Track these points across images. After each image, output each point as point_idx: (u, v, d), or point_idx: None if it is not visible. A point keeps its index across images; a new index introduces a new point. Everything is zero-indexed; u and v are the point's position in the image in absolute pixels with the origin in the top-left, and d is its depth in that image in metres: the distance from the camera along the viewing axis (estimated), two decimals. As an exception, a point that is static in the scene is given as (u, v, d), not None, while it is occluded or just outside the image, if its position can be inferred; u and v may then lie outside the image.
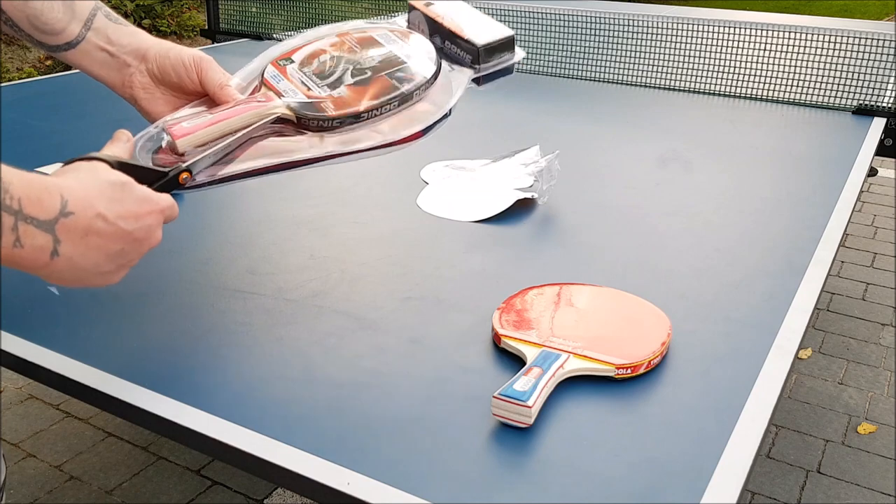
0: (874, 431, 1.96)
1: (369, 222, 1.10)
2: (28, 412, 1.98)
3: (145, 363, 0.76)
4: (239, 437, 0.66)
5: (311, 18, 2.66)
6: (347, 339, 0.81)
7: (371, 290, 0.91)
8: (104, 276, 0.65)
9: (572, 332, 0.79)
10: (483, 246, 1.03)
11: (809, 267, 0.99)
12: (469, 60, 0.86)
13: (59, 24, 0.80)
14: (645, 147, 1.48)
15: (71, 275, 0.63)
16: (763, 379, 0.75)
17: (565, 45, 2.31)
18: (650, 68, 2.13)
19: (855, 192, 1.26)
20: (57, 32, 0.80)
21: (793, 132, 1.61)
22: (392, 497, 0.59)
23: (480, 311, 0.87)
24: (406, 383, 0.74)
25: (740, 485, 0.61)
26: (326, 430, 0.67)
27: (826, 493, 1.76)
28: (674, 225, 1.12)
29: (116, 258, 0.65)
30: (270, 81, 0.83)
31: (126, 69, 0.83)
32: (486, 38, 0.86)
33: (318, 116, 0.79)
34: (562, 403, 0.71)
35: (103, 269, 0.65)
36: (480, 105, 1.77)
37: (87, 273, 0.64)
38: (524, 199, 1.16)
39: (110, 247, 0.64)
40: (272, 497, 1.71)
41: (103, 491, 1.72)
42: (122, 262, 0.66)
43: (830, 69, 1.88)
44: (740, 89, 1.92)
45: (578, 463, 0.64)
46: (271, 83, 0.83)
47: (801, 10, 9.26)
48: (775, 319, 0.86)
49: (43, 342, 0.78)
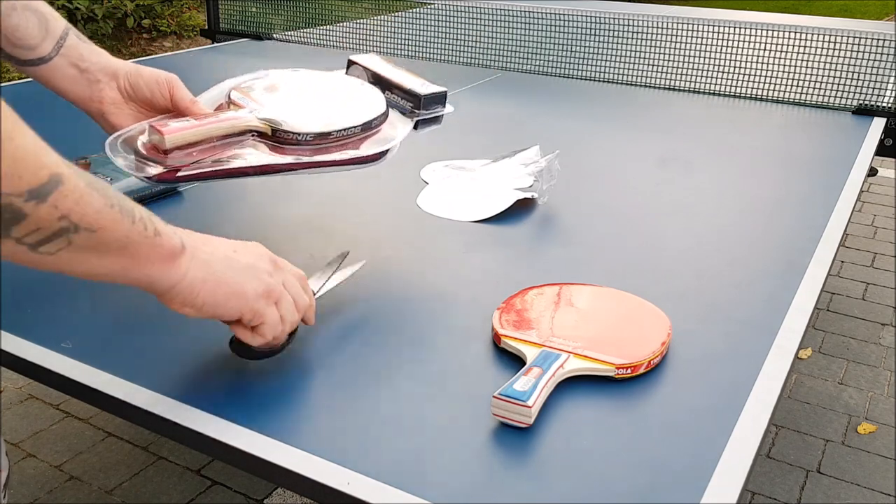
0: (874, 431, 1.96)
1: (369, 222, 1.10)
2: (28, 412, 1.98)
3: (145, 363, 0.76)
4: (239, 437, 0.66)
5: (311, 18, 2.66)
6: (347, 338, 0.81)
7: (371, 290, 0.91)
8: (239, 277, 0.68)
9: (572, 331, 0.79)
10: (483, 246, 1.03)
11: (809, 267, 0.99)
12: (410, 107, 0.98)
13: (34, 41, 0.86)
14: (645, 147, 1.48)
15: (205, 276, 0.65)
16: (763, 379, 0.75)
17: (565, 45, 2.31)
18: (650, 68, 2.13)
19: (855, 192, 1.26)
20: (31, 48, 0.86)
21: (793, 132, 1.61)
22: (392, 497, 0.59)
23: (480, 311, 0.87)
24: (406, 383, 0.74)
25: (740, 485, 0.61)
26: (326, 430, 0.67)
27: (826, 493, 1.76)
28: (674, 225, 1.12)
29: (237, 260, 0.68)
30: (238, 102, 0.91)
31: (96, 85, 0.89)
32: (427, 89, 0.98)
33: (291, 131, 0.87)
34: (562, 403, 0.71)
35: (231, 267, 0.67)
36: (480, 105, 1.77)
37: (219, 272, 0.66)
38: (524, 199, 1.16)
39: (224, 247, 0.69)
40: (272, 497, 1.71)
41: (103, 491, 1.72)
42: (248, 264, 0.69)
43: (830, 69, 1.88)
44: (740, 89, 1.92)
45: (578, 463, 0.64)
46: (239, 103, 0.91)
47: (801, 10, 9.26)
48: (775, 319, 0.86)
49: (43, 342, 0.78)
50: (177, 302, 0.65)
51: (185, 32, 6.09)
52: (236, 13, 2.60)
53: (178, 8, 6.20)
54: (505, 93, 1.89)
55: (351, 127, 0.90)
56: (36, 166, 0.51)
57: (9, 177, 0.50)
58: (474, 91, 1.90)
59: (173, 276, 0.63)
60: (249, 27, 2.55)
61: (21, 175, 0.50)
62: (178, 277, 0.64)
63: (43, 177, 0.52)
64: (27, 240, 0.53)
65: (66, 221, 0.54)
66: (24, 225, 0.52)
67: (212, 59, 2.20)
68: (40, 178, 0.51)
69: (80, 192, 0.54)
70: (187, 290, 0.64)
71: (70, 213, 0.54)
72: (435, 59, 2.25)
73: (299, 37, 2.48)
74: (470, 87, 1.95)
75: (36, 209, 0.52)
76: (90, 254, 0.57)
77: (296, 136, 0.87)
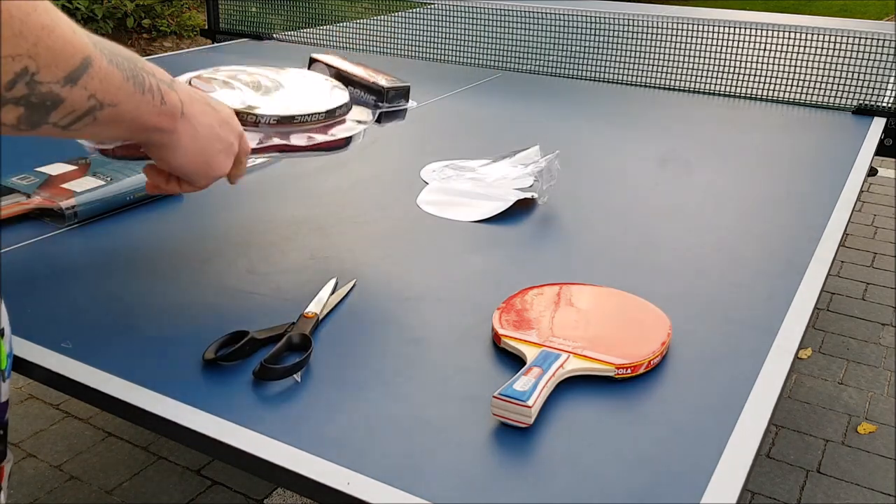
0: (874, 431, 1.96)
1: (369, 222, 1.10)
2: (28, 412, 1.98)
3: (145, 363, 0.76)
4: (239, 437, 0.66)
5: (311, 18, 2.66)
6: (347, 338, 0.81)
7: (371, 290, 0.91)
8: (216, 154, 0.75)
9: (572, 332, 0.79)
10: (483, 246, 1.03)
11: (809, 267, 0.99)
12: (373, 101, 1.00)
13: None
14: (645, 147, 1.48)
15: (192, 144, 0.72)
16: (763, 379, 0.75)
17: (565, 45, 2.31)
18: (650, 68, 2.13)
19: (855, 191, 1.26)
20: None
21: (793, 132, 1.61)
22: (392, 497, 0.59)
23: (480, 311, 0.87)
24: (406, 383, 0.74)
25: (740, 485, 0.61)
26: (326, 430, 0.67)
27: (826, 493, 1.76)
28: (674, 225, 1.12)
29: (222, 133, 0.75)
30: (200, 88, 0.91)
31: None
32: (390, 83, 1.00)
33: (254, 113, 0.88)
34: (562, 403, 0.71)
35: (215, 144, 0.74)
36: (481, 105, 1.77)
37: (204, 142, 0.73)
38: (524, 199, 1.16)
39: (216, 117, 0.75)
40: (272, 497, 1.71)
41: (103, 491, 1.72)
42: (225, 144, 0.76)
43: (830, 69, 1.88)
44: (740, 89, 1.92)
45: (578, 463, 0.64)
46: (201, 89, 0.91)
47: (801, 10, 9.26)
48: (775, 319, 0.86)
49: (44, 343, 0.78)
50: (157, 156, 0.73)
51: (185, 32, 6.09)
52: (236, 13, 2.60)
53: (178, 8, 6.20)
54: (505, 93, 1.89)
55: (315, 113, 0.91)
56: (71, 52, 0.54)
57: (49, 66, 0.53)
58: (474, 91, 1.90)
59: (167, 140, 0.70)
60: (249, 27, 2.55)
61: (58, 63, 0.54)
62: (171, 141, 0.71)
63: (76, 61, 0.55)
64: (62, 122, 0.57)
65: (94, 101, 0.58)
66: (60, 109, 0.56)
67: (212, 59, 2.20)
68: (74, 63, 0.55)
69: (105, 71, 0.58)
70: (173, 152, 0.72)
71: (97, 91, 0.58)
72: (435, 59, 2.25)
73: (299, 37, 2.48)
74: (470, 87, 1.95)
75: (71, 93, 0.55)
76: (108, 125, 0.62)
77: (258, 119, 0.87)
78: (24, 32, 0.51)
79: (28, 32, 0.51)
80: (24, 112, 0.54)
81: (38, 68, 0.52)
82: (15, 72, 0.52)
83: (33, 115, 0.55)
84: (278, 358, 0.76)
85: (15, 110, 0.54)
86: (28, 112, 0.54)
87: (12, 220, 1.06)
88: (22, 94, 0.53)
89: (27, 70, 0.52)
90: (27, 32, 0.51)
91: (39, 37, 0.52)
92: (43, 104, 0.54)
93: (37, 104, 0.54)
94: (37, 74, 0.53)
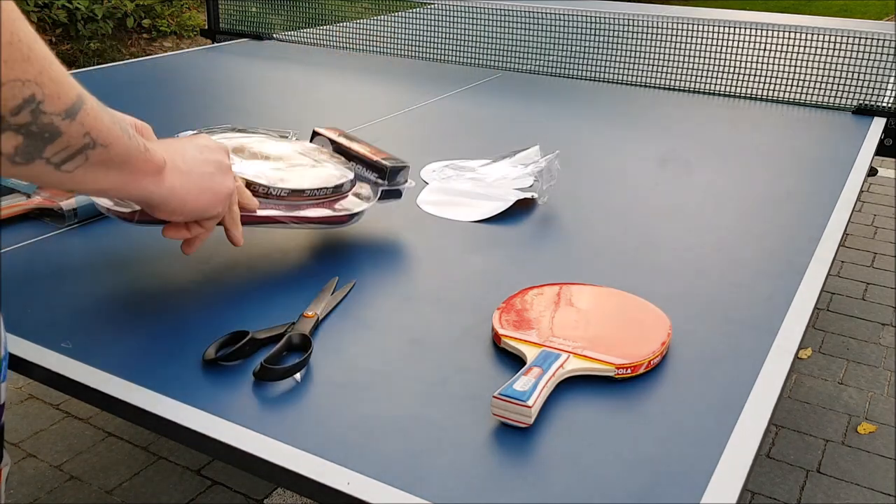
0: (874, 431, 1.96)
1: (369, 222, 1.10)
2: (28, 412, 1.98)
3: (145, 363, 0.76)
4: (239, 437, 0.66)
5: (312, 18, 2.66)
6: (347, 339, 0.81)
7: (371, 290, 0.91)
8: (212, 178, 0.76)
9: (572, 331, 0.79)
10: (483, 246, 1.03)
11: (809, 267, 0.99)
12: (374, 178, 1.03)
13: None
14: (645, 147, 1.48)
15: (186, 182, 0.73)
16: (763, 379, 0.75)
17: (565, 45, 2.31)
18: (650, 68, 2.13)
19: (855, 192, 1.26)
20: None
21: (793, 132, 1.61)
22: (392, 497, 0.59)
23: (480, 311, 0.87)
24: (406, 383, 0.74)
25: (740, 485, 0.61)
26: (326, 430, 0.67)
27: (826, 493, 1.76)
28: (674, 225, 1.12)
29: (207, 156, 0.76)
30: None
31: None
32: (392, 163, 1.03)
33: (267, 185, 0.91)
34: (562, 403, 0.71)
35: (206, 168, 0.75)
36: (481, 105, 1.77)
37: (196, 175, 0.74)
38: (524, 199, 1.16)
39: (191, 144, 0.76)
40: (272, 497, 1.71)
41: (103, 491, 1.72)
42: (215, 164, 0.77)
43: (830, 69, 1.88)
44: (740, 89, 1.92)
45: (578, 463, 0.64)
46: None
47: (801, 10, 9.26)
48: (775, 319, 0.86)
49: (44, 343, 0.78)
50: (167, 212, 0.74)
51: (185, 32, 6.09)
52: (236, 13, 2.60)
53: (178, 8, 6.20)
54: (505, 93, 1.89)
55: (324, 188, 0.95)
56: (69, 86, 0.56)
57: (52, 97, 0.55)
58: (474, 91, 1.91)
59: (163, 190, 0.71)
60: (249, 27, 2.55)
61: (60, 95, 0.55)
62: (167, 190, 0.72)
63: (74, 96, 0.57)
64: (55, 159, 0.58)
65: (88, 138, 0.59)
66: (57, 143, 0.57)
67: (212, 59, 2.20)
68: (72, 98, 0.57)
69: (96, 110, 0.60)
70: (176, 201, 0.73)
71: (91, 129, 0.59)
72: (435, 59, 2.25)
73: (299, 37, 2.48)
74: (470, 87, 1.95)
75: (69, 127, 0.57)
76: (100, 170, 0.63)
77: (269, 190, 0.91)
78: (31, 58, 0.52)
79: (35, 59, 0.52)
80: (23, 142, 0.55)
81: (43, 97, 0.54)
82: (24, 97, 0.52)
83: (30, 147, 0.55)
84: (278, 358, 0.76)
85: (14, 139, 0.54)
86: (27, 142, 0.55)
87: (12, 220, 1.06)
88: (25, 121, 0.53)
89: (34, 97, 0.53)
90: (34, 59, 0.52)
91: (44, 66, 0.53)
92: (42, 135, 0.55)
93: (36, 134, 0.55)
94: (42, 103, 0.54)
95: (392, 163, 1.04)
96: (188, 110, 1.63)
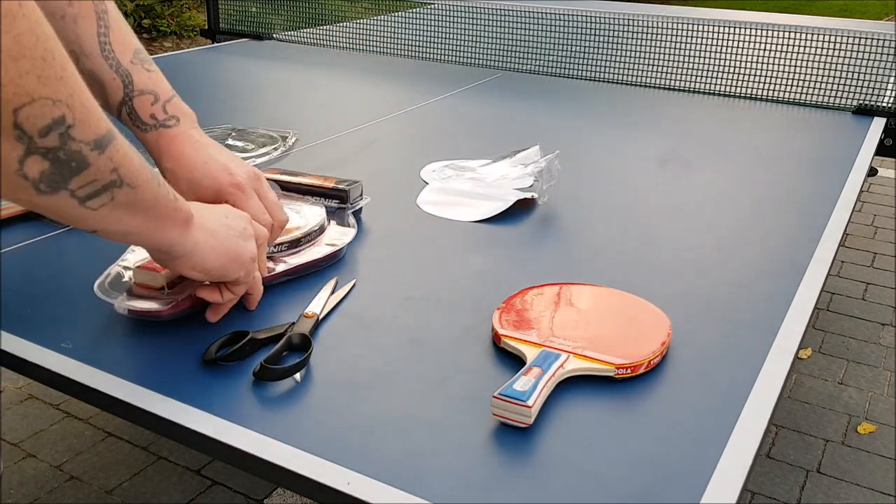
0: (874, 431, 1.96)
1: (369, 222, 1.10)
2: (28, 412, 1.98)
3: (145, 363, 0.76)
4: (239, 437, 0.66)
5: (312, 18, 2.66)
6: (347, 339, 0.81)
7: (371, 290, 0.91)
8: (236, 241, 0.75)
9: (572, 331, 0.79)
10: (483, 246, 1.03)
11: (809, 267, 0.99)
12: (336, 204, 1.07)
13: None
14: (645, 147, 1.48)
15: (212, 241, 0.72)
16: (763, 379, 0.75)
17: (565, 45, 2.31)
18: (650, 68, 2.13)
19: (855, 192, 1.26)
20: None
21: (793, 132, 1.61)
22: (392, 497, 0.59)
23: (480, 311, 0.87)
24: (406, 383, 0.74)
25: (740, 485, 0.61)
26: (326, 430, 0.67)
27: (826, 493, 1.76)
28: (674, 225, 1.12)
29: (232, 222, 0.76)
30: None
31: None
32: (345, 184, 1.08)
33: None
34: (562, 403, 0.71)
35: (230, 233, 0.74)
36: (481, 105, 1.77)
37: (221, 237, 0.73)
38: (524, 199, 1.16)
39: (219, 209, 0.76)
40: (272, 497, 1.71)
41: (103, 491, 1.72)
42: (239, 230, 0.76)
43: (830, 69, 1.88)
44: (740, 89, 1.92)
45: (578, 463, 0.64)
46: None
47: (801, 10, 9.26)
48: (775, 319, 0.86)
49: (43, 342, 0.78)
50: (188, 266, 0.72)
51: (185, 32, 6.09)
52: (236, 13, 2.60)
53: (178, 8, 6.20)
54: (505, 93, 1.89)
55: (312, 231, 0.97)
56: (99, 117, 0.55)
57: (83, 123, 0.53)
58: (474, 91, 1.91)
59: (188, 243, 0.69)
60: (249, 27, 2.55)
61: (90, 123, 0.54)
62: (192, 244, 0.70)
63: (104, 128, 0.55)
64: (80, 192, 0.56)
65: (116, 175, 0.58)
66: (83, 175, 0.55)
67: (212, 59, 2.20)
68: (102, 129, 0.55)
69: (126, 148, 0.58)
70: (198, 257, 0.71)
71: (119, 166, 0.58)
72: (435, 59, 2.25)
73: (299, 37, 2.48)
74: (470, 87, 1.95)
75: (98, 159, 0.55)
76: (126, 212, 0.61)
77: (272, 249, 0.92)
78: (64, 79, 0.51)
79: (68, 80, 0.51)
80: (49, 168, 0.52)
81: (74, 121, 0.52)
82: (53, 117, 0.51)
83: (56, 175, 0.53)
84: (278, 358, 0.76)
85: (41, 164, 0.52)
86: (52, 169, 0.53)
87: (12, 220, 1.06)
88: (53, 145, 0.51)
89: (64, 119, 0.51)
90: (67, 80, 0.51)
91: (76, 90, 0.52)
92: (69, 164, 0.53)
93: (64, 161, 0.53)
94: (72, 128, 0.52)
95: (348, 185, 1.07)
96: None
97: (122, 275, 0.87)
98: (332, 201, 1.07)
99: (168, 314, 0.81)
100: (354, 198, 1.08)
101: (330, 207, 1.06)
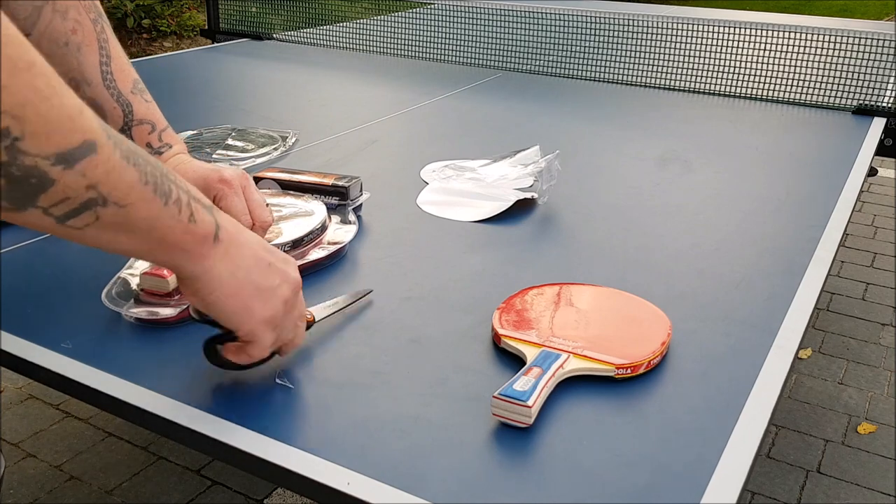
0: (874, 431, 1.96)
1: (369, 222, 1.10)
2: (28, 412, 1.98)
3: (145, 363, 0.76)
4: (239, 438, 0.66)
5: (312, 18, 2.66)
6: (347, 339, 0.81)
7: (371, 290, 0.91)
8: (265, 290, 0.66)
9: (572, 331, 0.79)
10: (483, 246, 1.03)
11: (809, 267, 0.99)
12: (336, 202, 1.07)
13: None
14: (645, 147, 1.48)
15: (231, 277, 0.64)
16: (763, 379, 0.75)
17: (565, 45, 2.31)
18: (650, 68, 2.13)
19: (855, 192, 1.26)
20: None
21: (793, 132, 1.61)
22: (392, 497, 0.59)
23: (480, 311, 0.87)
24: (406, 383, 0.74)
25: (740, 485, 0.61)
26: (326, 430, 0.67)
27: (826, 493, 1.76)
28: (674, 225, 1.12)
29: (266, 273, 0.66)
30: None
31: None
32: (345, 180, 1.08)
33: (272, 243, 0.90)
34: (562, 403, 0.71)
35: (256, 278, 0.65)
36: (480, 105, 1.77)
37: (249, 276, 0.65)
38: (524, 199, 1.16)
39: (259, 253, 0.66)
40: (272, 497, 1.71)
41: (103, 491, 1.72)
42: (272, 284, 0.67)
43: (830, 69, 1.88)
44: (740, 89, 1.92)
45: (578, 463, 0.64)
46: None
47: (801, 10, 9.26)
48: (775, 319, 0.86)
49: (43, 342, 0.78)
50: (190, 289, 0.64)
51: (185, 32, 6.09)
52: (236, 13, 2.60)
53: (178, 8, 6.20)
54: (505, 93, 1.89)
55: (314, 230, 0.97)
56: (69, 128, 0.49)
57: (36, 136, 0.48)
58: (474, 91, 1.91)
59: (198, 268, 0.62)
60: (249, 27, 2.55)
61: (49, 136, 0.48)
62: (203, 270, 0.62)
63: (74, 141, 0.50)
64: (54, 211, 0.51)
65: (95, 192, 0.52)
66: (50, 193, 0.50)
67: (212, 59, 2.20)
68: (70, 142, 0.49)
69: (112, 164, 0.52)
70: (206, 285, 0.63)
71: (99, 183, 0.52)
72: (435, 59, 2.25)
73: (299, 37, 2.48)
74: (470, 87, 1.95)
75: (63, 175, 0.50)
76: (118, 232, 0.56)
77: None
78: (10, 87, 0.46)
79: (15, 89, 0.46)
80: (6, 186, 0.48)
81: (22, 133, 0.47)
82: None
83: (17, 191, 0.49)
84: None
85: None
86: (10, 187, 0.48)
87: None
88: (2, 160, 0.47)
89: (9, 131, 0.46)
90: (14, 88, 0.46)
91: (28, 99, 0.47)
92: (27, 180, 0.48)
93: (20, 178, 0.48)
94: (19, 140, 0.47)
95: (347, 181, 1.07)
96: (188, 110, 1.63)
97: (129, 282, 0.87)
98: (331, 198, 1.07)
99: (176, 320, 0.81)
100: (354, 194, 1.09)
101: (330, 204, 1.06)
